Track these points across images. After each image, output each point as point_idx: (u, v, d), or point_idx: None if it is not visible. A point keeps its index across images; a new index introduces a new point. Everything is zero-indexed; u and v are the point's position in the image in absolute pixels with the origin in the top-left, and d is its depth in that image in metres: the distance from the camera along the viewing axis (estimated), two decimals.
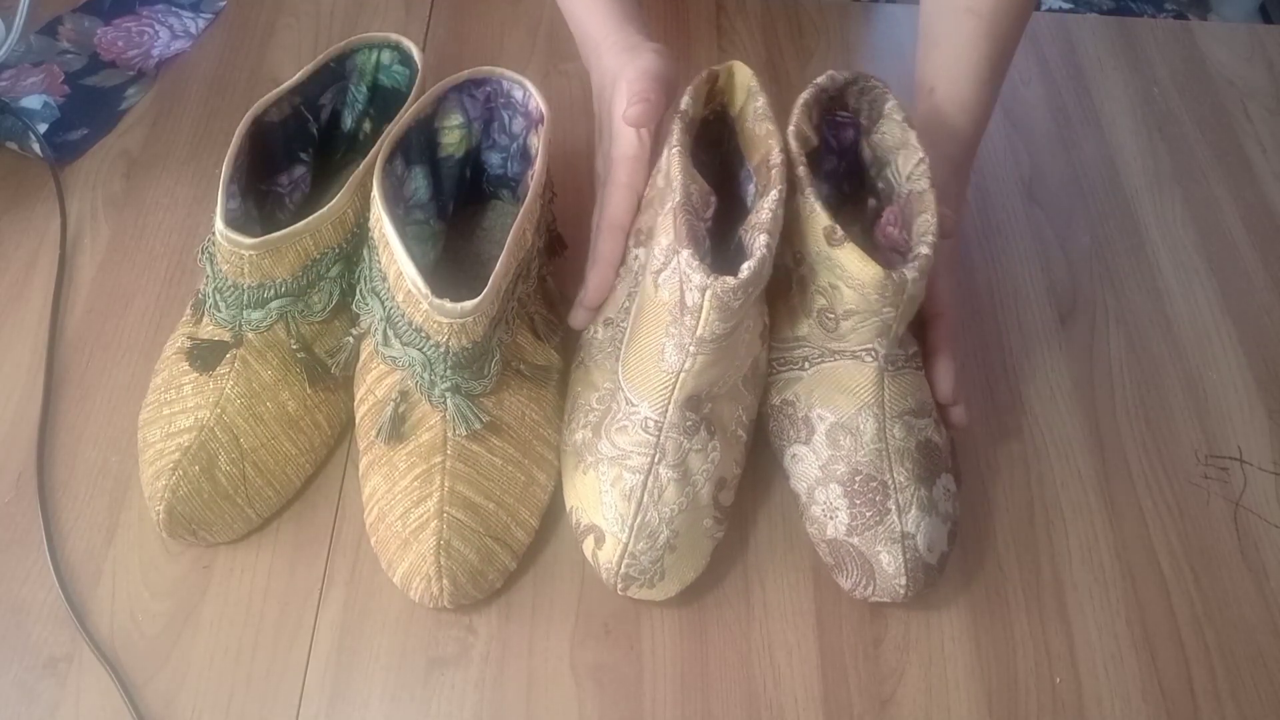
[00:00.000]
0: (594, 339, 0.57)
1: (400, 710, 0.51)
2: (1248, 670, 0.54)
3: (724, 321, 0.46)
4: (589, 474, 0.53)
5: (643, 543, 0.50)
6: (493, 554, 0.52)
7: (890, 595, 0.52)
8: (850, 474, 0.52)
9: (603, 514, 0.51)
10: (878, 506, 0.51)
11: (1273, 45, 0.85)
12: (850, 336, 0.51)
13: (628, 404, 0.51)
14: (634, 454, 0.51)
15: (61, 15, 0.77)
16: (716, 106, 0.57)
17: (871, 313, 0.50)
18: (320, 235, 0.53)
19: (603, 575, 0.52)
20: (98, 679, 0.50)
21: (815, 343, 0.53)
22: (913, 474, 0.52)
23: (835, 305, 0.51)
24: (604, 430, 0.52)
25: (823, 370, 0.53)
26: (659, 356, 0.49)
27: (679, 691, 0.52)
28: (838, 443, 0.52)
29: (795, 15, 0.83)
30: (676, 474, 0.50)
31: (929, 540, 0.51)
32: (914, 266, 0.49)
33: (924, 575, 0.51)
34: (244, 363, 0.53)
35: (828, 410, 0.53)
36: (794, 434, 0.54)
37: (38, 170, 0.69)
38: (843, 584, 0.53)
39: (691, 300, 0.46)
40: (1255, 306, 0.68)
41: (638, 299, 0.53)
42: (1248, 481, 0.61)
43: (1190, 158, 0.76)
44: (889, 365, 0.52)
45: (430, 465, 0.51)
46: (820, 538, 0.53)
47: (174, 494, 0.51)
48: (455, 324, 0.49)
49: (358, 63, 0.60)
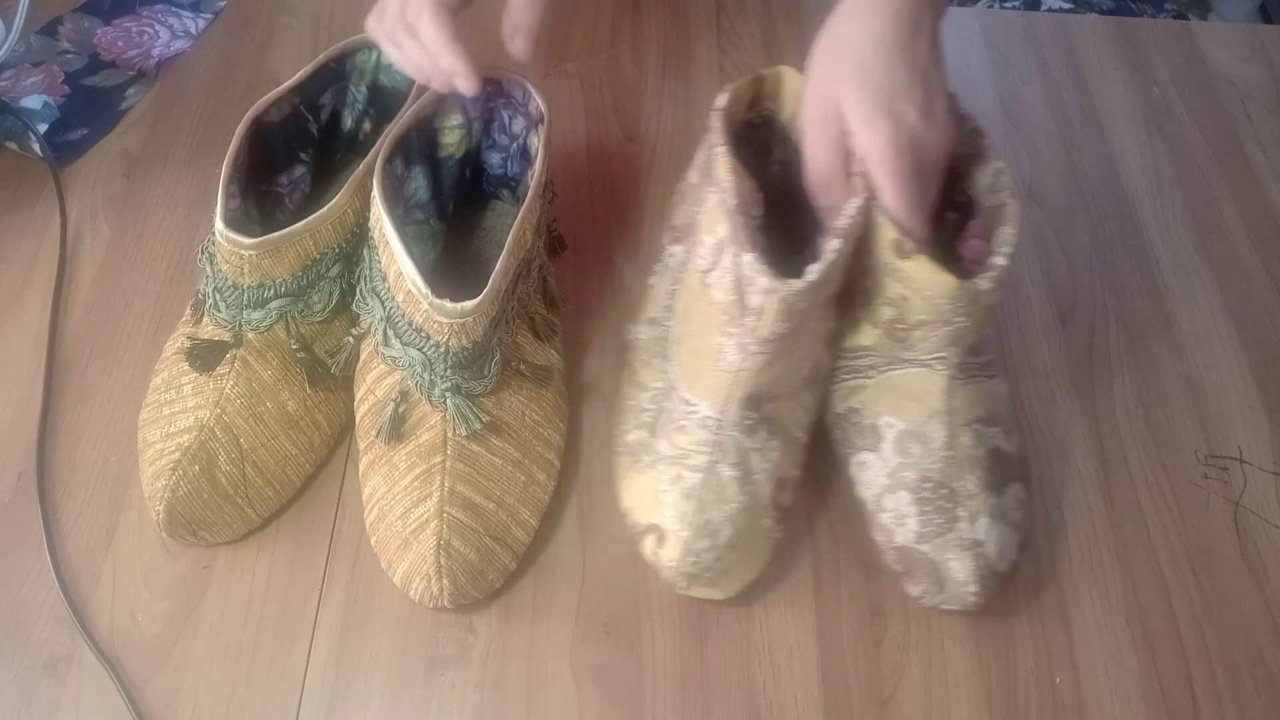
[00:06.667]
0: (638, 340, 0.57)
1: (400, 710, 0.51)
2: (1248, 670, 0.54)
3: (787, 322, 0.46)
4: (646, 474, 0.53)
5: (705, 540, 0.50)
6: (493, 554, 0.52)
7: (959, 603, 0.52)
8: (919, 481, 0.52)
9: (663, 513, 0.51)
10: (947, 514, 0.51)
11: (1273, 45, 0.85)
12: (921, 345, 0.51)
13: (684, 403, 0.51)
14: (694, 453, 0.51)
15: (61, 15, 0.77)
16: (763, 111, 0.57)
17: (944, 322, 0.49)
18: (320, 235, 0.53)
19: (665, 574, 0.52)
20: (98, 679, 0.50)
21: (883, 352, 0.53)
22: (983, 482, 0.52)
23: (906, 316, 0.50)
24: (661, 430, 0.52)
25: (890, 378, 0.53)
26: (717, 355, 0.49)
27: (679, 691, 0.52)
28: (906, 450, 0.52)
29: (795, 15, 0.83)
30: (737, 472, 0.50)
31: (999, 548, 0.51)
32: (988, 276, 0.48)
33: (994, 583, 0.51)
34: (244, 363, 0.53)
35: (896, 417, 0.53)
36: (860, 441, 0.54)
37: (38, 170, 0.69)
38: (911, 591, 0.53)
39: (754, 302, 0.46)
40: (1255, 306, 0.68)
41: (681, 298, 0.53)
42: (1248, 481, 0.61)
43: (1190, 158, 0.76)
44: (960, 373, 0.52)
45: (430, 465, 0.51)
46: (888, 544, 0.53)
47: (174, 494, 0.51)
48: (455, 324, 0.49)
49: (358, 62, 0.60)
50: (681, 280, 0.54)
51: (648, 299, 0.58)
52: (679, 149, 0.74)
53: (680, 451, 0.51)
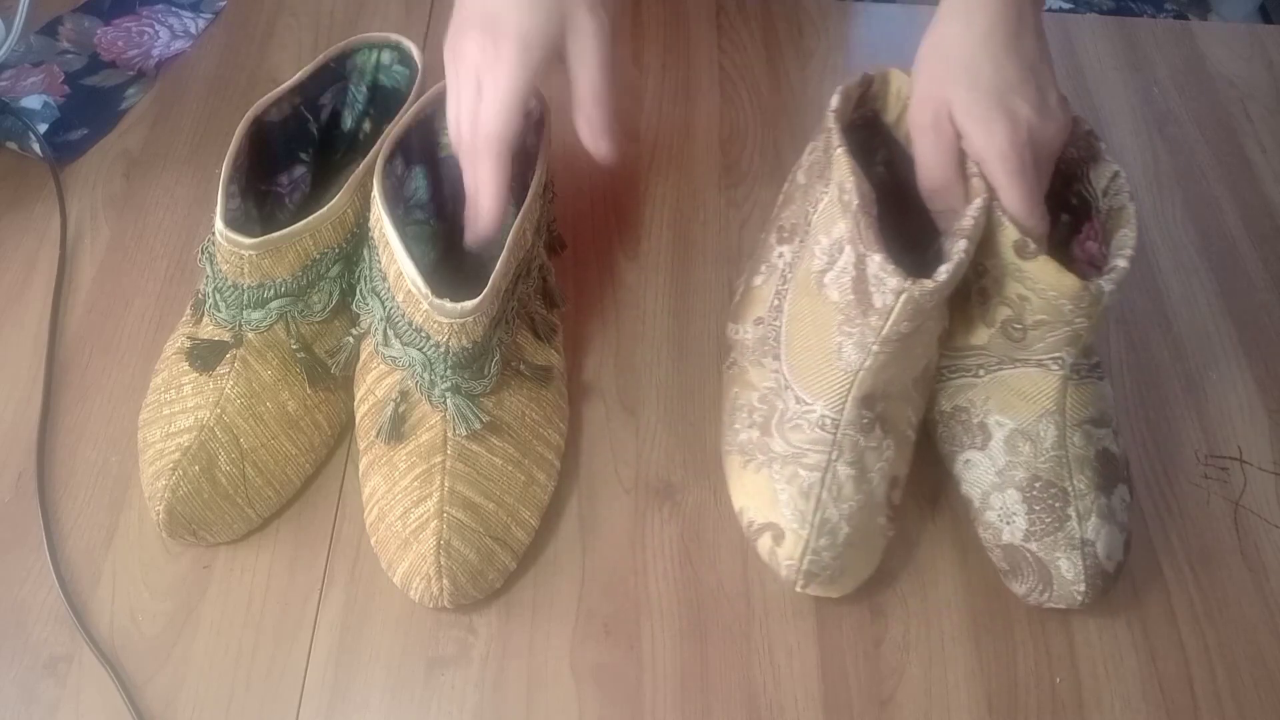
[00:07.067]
0: (743, 340, 0.57)
1: (400, 710, 0.51)
2: (1248, 670, 0.54)
3: (911, 321, 0.47)
4: (760, 473, 0.53)
5: (824, 539, 0.51)
6: (493, 554, 0.52)
7: (1067, 602, 0.52)
8: (1030, 480, 0.52)
9: (780, 512, 0.52)
10: (1057, 513, 0.51)
11: (1273, 45, 0.85)
12: (1037, 345, 0.51)
13: (799, 402, 0.52)
14: (810, 451, 0.51)
15: (61, 15, 0.77)
16: (867, 113, 0.57)
17: (1063, 323, 0.50)
18: (320, 235, 0.53)
19: (783, 573, 0.52)
20: (98, 679, 0.50)
21: (996, 352, 0.53)
22: (1092, 482, 0.52)
23: (1024, 316, 0.51)
24: (774, 429, 0.53)
25: (1000, 377, 0.53)
26: (835, 355, 0.50)
27: (679, 691, 0.52)
28: (1017, 449, 0.53)
29: (795, 15, 0.83)
30: (854, 471, 0.51)
31: (1108, 548, 0.52)
32: (1110, 279, 0.49)
33: (1102, 583, 0.51)
34: (244, 363, 0.53)
35: (1006, 416, 0.53)
36: (968, 439, 0.55)
37: (38, 170, 0.68)
38: (1016, 589, 0.53)
39: (882, 302, 0.46)
40: (1255, 306, 0.68)
41: (789, 298, 0.54)
42: (1248, 481, 0.61)
43: (1190, 158, 0.76)
44: (1074, 374, 0.52)
45: (430, 465, 0.51)
46: (995, 543, 0.54)
47: (174, 494, 0.51)
48: (455, 324, 0.49)
49: (358, 63, 0.60)
50: (790, 280, 0.54)
51: (753, 299, 0.58)
52: (679, 149, 0.74)
53: (796, 450, 0.52)
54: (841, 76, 0.57)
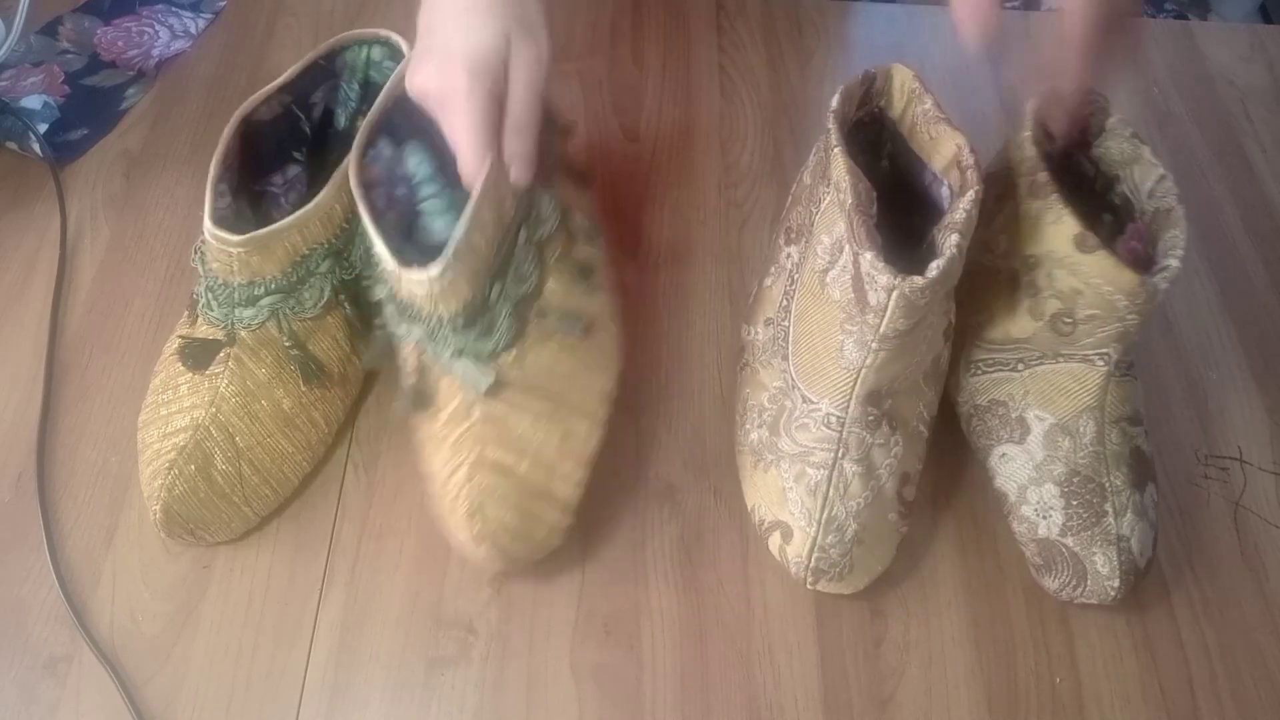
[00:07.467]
0: (755, 340, 0.58)
1: (400, 710, 0.51)
2: (1248, 670, 0.54)
3: (907, 319, 0.47)
4: (769, 472, 0.53)
5: (831, 536, 0.51)
6: (535, 513, 0.51)
7: (1099, 597, 0.52)
8: (1068, 475, 0.52)
9: (788, 510, 0.52)
10: (1095, 508, 0.52)
11: (1273, 45, 0.85)
12: (1085, 340, 0.52)
13: (805, 401, 0.52)
14: (816, 450, 0.51)
15: (61, 15, 0.77)
16: (873, 109, 0.57)
17: (1115, 318, 0.50)
18: (308, 231, 0.53)
19: (792, 570, 0.53)
20: (98, 679, 0.50)
21: (1040, 346, 0.53)
22: (1128, 479, 0.52)
23: (1075, 310, 0.51)
24: (782, 428, 0.53)
25: (1039, 372, 0.54)
26: (837, 354, 0.50)
27: (679, 691, 0.52)
28: (1056, 444, 0.53)
29: (795, 15, 0.83)
30: (861, 468, 0.51)
31: (1141, 544, 0.52)
32: (1165, 277, 0.49)
33: (1135, 578, 0.52)
34: (238, 361, 0.53)
35: (1047, 411, 0.53)
36: (1005, 434, 0.55)
37: (38, 170, 0.69)
38: (1049, 585, 0.54)
39: (876, 300, 0.46)
40: (1255, 306, 0.68)
41: (797, 298, 0.54)
42: (1248, 481, 0.60)
43: (1190, 158, 0.76)
44: (1116, 370, 0.53)
45: (461, 432, 0.50)
46: (1030, 537, 0.54)
47: (170, 493, 0.51)
48: (434, 290, 0.47)
49: (348, 60, 0.60)
50: (797, 280, 0.55)
51: (764, 299, 0.58)
52: (679, 149, 0.74)
53: (803, 449, 0.52)
54: (841, 76, 0.57)
